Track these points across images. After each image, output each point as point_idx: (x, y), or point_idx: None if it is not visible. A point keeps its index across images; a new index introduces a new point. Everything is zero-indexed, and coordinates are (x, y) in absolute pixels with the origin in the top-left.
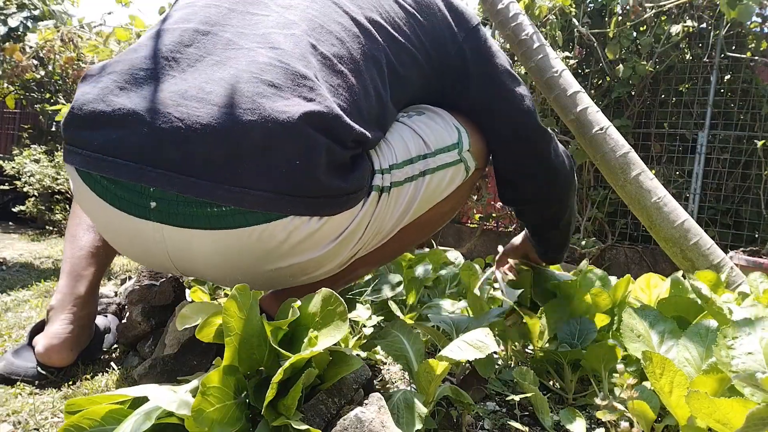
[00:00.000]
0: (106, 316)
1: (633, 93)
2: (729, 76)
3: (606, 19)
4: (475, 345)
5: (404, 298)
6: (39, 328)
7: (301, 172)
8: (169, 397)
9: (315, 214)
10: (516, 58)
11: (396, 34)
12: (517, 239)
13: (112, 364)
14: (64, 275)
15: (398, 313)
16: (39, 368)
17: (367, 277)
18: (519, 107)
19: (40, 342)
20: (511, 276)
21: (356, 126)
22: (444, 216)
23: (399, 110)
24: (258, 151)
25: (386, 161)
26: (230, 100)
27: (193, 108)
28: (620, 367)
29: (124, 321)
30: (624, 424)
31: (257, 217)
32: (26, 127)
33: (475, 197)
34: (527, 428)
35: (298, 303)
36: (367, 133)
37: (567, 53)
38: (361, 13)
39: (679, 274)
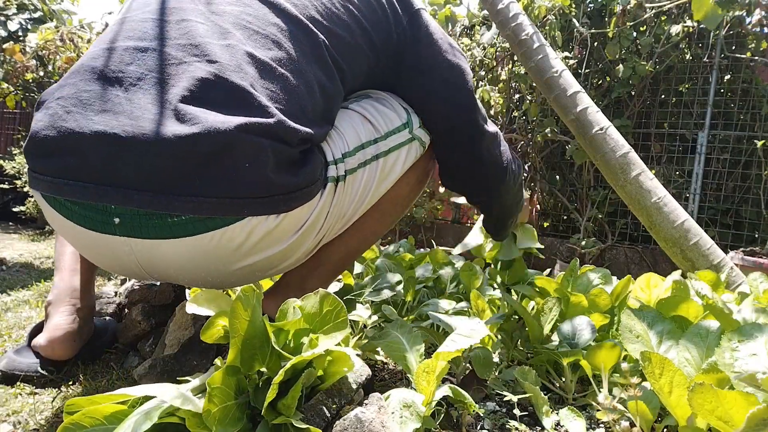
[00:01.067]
0: (105, 318)
1: (633, 93)
2: (729, 76)
3: (606, 19)
4: (466, 334)
5: (404, 298)
6: (38, 329)
7: (252, 174)
8: (174, 393)
9: (271, 212)
10: (516, 58)
11: (334, 27)
12: None
13: (112, 364)
14: (59, 272)
15: (395, 316)
16: (40, 367)
17: (366, 278)
18: (452, 100)
19: (42, 336)
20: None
21: (300, 127)
22: (413, 188)
23: (346, 100)
24: (207, 161)
25: (338, 151)
26: (175, 119)
27: (139, 128)
28: (625, 366)
29: (123, 321)
30: (624, 424)
31: (215, 222)
32: (23, 128)
33: None
34: (527, 428)
35: (299, 303)
36: (311, 131)
37: (567, 53)
38: (296, 10)
39: (679, 273)
